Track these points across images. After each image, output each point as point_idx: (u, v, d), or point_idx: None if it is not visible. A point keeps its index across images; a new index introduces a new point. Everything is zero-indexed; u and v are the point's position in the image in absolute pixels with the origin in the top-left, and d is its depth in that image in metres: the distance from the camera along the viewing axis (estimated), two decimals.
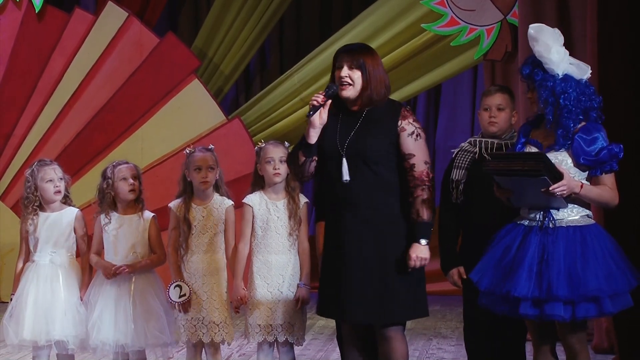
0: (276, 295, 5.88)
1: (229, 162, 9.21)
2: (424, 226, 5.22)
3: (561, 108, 5.26)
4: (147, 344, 6.03)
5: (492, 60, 9.33)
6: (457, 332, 8.47)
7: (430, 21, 9.75)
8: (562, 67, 5.33)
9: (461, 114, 11.42)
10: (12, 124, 10.55)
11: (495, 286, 5.27)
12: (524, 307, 5.19)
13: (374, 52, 5.41)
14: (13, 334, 6.03)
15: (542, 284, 5.16)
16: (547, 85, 5.30)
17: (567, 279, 5.14)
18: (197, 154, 6.05)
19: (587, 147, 5.24)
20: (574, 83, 5.31)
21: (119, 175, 6.08)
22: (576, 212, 5.30)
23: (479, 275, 5.35)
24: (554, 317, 5.18)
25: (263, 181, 5.97)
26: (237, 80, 11.54)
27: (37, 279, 6.06)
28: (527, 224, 5.33)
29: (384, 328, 5.29)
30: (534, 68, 5.38)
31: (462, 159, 5.95)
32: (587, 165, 5.26)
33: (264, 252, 5.92)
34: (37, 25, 10.52)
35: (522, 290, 5.17)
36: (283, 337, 5.88)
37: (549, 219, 5.26)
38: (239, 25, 10.98)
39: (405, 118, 5.28)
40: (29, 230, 6.12)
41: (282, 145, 5.96)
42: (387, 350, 5.30)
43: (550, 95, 5.29)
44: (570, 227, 5.26)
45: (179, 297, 5.92)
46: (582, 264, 5.16)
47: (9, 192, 10.53)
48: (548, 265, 5.18)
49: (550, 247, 5.22)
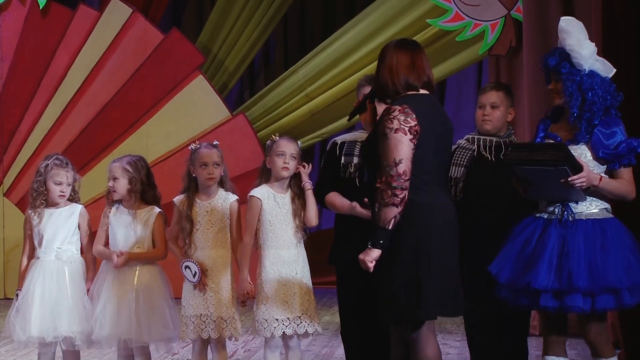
0: (291, 288, 5.88)
1: (233, 157, 9.23)
2: (373, 229, 4.98)
3: (588, 103, 5.29)
4: (150, 339, 6.03)
5: (496, 55, 9.33)
6: (462, 327, 8.46)
7: (435, 16, 9.75)
8: (590, 62, 5.35)
9: (466, 109, 11.41)
10: (17, 120, 10.56)
11: (516, 278, 5.30)
12: (545, 299, 5.23)
13: (391, 48, 5.17)
14: (20, 331, 6.03)
15: (562, 275, 5.20)
16: (574, 79, 5.33)
17: (587, 270, 5.19)
18: (202, 150, 6.05)
19: (606, 141, 5.29)
20: (599, 80, 5.35)
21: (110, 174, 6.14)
22: (595, 205, 5.35)
23: (498, 267, 5.38)
24: (574, 308, 5.21)
25: (270, 174, 5.98)
26: (241, 76, 11.55)
27: (43, 276, 6.07)
28: (546, 217, 5.37)
29: (404, 330, 5.11)
30: (561, 60, 5.39)
31: (461, 156, 5.94)
32: (606, 159, 5.31)
33: (275, 247, 5.92)
34: (41, 22, 10.53)
35: (543, 282, 5.21)
36: (303, 329, 5.90)
37: (568, 212, 5.30)
38: (243, 21, 10.98)
39: (381, 117, 5.03)
40: (34, 223, 6.13)
41: (295, 142, 5.96)
42: (414, 351, 5.12)
43: (576, 90, 5.31)
44: (589, 220, 5.31)
45: (193, 276, 5.92)
46: (602, 256, 5.21)
47: (13, 188, 10.55)
48: (568, 257, 5.22)
49: (570, 239, 5.26)
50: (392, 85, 5.12)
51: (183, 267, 5.95)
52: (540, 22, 8.43)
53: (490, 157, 5.92)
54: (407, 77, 5.10)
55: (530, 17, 8.53)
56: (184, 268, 5.95)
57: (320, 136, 10.87)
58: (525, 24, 8.62)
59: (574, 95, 5.32)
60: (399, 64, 5.10)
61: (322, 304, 9.53)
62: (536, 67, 8.41)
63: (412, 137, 4.96)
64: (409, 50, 5.15)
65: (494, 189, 5.85)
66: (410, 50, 5.15)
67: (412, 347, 5.10)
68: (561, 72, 5.37)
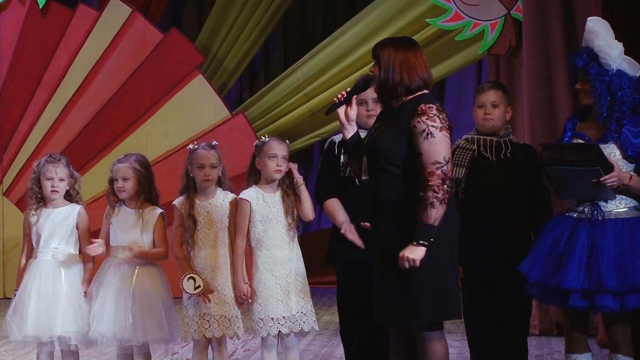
0: (285, 287, 5.89)
1: (233, 157, 9.20)
2: (421, 227, 4.91)
3: (617, 103, 5.33)
4: (145, 339, 6.02)
5: (496, 55, 9.32)
6: (462, 327, 8.46)
7: (435, 16, 9.74)
8: (618, 62, 5.39)
9: (465, 109, 11.35)
10: (16, 120, 10.56)
11: (545, 278, 5.35)
12: (574, 299, 5.28)
13: (397, 43, 5.13)
14: (17, 330, 6.04)
15: (591, 276, 5.25)
16: (603, 79, 5.37)
17: (616, 271, 5.24)
18: (200, 152, 6.04)
19: (634, 140, 5.36)
20: (627, 79, 5.38)
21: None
22: (624, 204, 5.41)
23: (528, 266, 5.42)
24: (604, 308, 5.27)
25: (259, 175, 5.97)
26: (241, 75, 11.54)
27: (39, 275, 6.06)
28: (575, 217, 5.41)
29: (419, 329, 5.08)
30: (590, 61, 5.41)
31: (461, 156, 5.94)
32: (635, 157, 5.37)
33: (268, 247, 5.92)
34: (41, 21, 10.52)
35: (572, 282, 5.26)
36: (299, 327, 5.90)
37: (597, 212, 5.34)
38: (243, 21, 10.98)
39: (419, 116, 4.96)
40: (32, 222, 6.13)
41: (285, 142, 5.97)
42: (422, 352, 5.09)
43: (605, 90, 5.35)
44: (618, 220, 5.37)
45: (194, 289, 5.91)
46: (631, 255, 5.28)
47: (13, 188, 10.54)
48: (597, 257, 5.28)
49: (599, 239, 5.32)
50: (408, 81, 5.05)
51: (186, 277, 5.93)
52: (540, 22, 8.43)
53: (491, 156, 5.92)
54: (423, 74, 5.08)
55: (530, 16, 8.53)
56: (186, 279, 5.93)
57: (320, 135, 10.87)
58: (525, 24, 8.61)
59: (602, 95, 5.36)
60: (417, 62, 5.08)
61: (322, 304, 9.53)
62: (536, 66, 8.44)
63: (449, 136, 5.01)
64: (417, 49, 5.13)
65: (495, 189, 5.85)
66: (419, 49, 5.13)
67: (423, 345, 5.07)
68: (590, 73, 5.40)
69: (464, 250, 5.52)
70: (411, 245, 4.90)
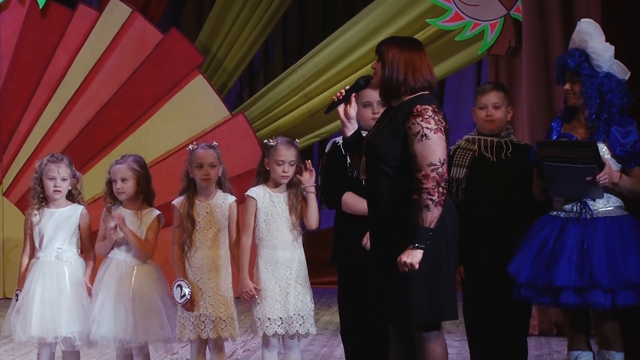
0: (284, 288, 5.89)
1: (232, 157, 9.23)
2: (417, 230, 4.87)
3: (607, 105, 5.37)
4: (147, 339, 6.03)
5: (496, 55, 9.32)
6: (461, 327, 8.45)
7: (434, 16, 9.74)
8: (608, 64, 5.41)
9: (465, 109, 11.37)
10: (16, 120, 10.55)
11: (536, 277, 5.36)
12: (565, 296, 5.31)
13: (403, 43, 5.13)
14: (21, 331, 6.03)
15: (583, 273, 5.28)
16: (593, 81, 5.38)
17: (608, 267, 5.28)
18: (199, 151, 6.05)
19: (622, 139, 5.38)
20: (615, 81, 5.40)
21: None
22: (612, 202, 5.45)
23: (517, 267, 5.44)
24: (595, 304, 5.30)
25: (268, 175, 5.98)
26: (240, 75, 11.54)
27: (43, 276, 6.06)
28: (563, 216, 5.43)
29: (416, 330, 5.07)
30: (582, 62, 5.42)
31: (462, 157, 5.94)
32: (623, 157, 5.42)
33: (270, 247, 5.93)
34: (40, 22, 10.52)
35: (564, 279, 5.29)
36: (294, 330, 5.90)
37: (586, 210, 5.35)
38: (243, 21, 10.98)
39: (414, 117, 4.91)
40: (34, 222, 6.12)
41: (293, 146, 5.95)
42: (420, 352, 5.07)
43: (595, 91, 5.37)
44: (607, 218, 5.41)
45: (180, 297, 5.93)
46: (622, 252, 5.32)
47: (12, 188, 10.54)
48: (589, 254, 5.30)
49: (590, 237, 5.34)
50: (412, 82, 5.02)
51: (175, 285, 5.95)
52: (539, 22, 8.43)
53: (491, 157, 5.92)
54: (427, 76, 5.06)
55: (529, 17, 8.53)
56: (175, 286, 5.95)
57: (319, 136, 10.87)
58: (525, 24, 8.62)
59: (593, 97, 5.39)
60: (422, 63, 5.06)
61: (322, 304, 9.53)
62: (536, 67, 8.44)
63: (445, 138, 4.95)
64: (422, 50, 5.11)
65: (495, 189, 5.85)
66: (424, 50, 5.12)
67: (421, 346, 5.05)
68: (581, 74, 5.43)
69: (464, 250, 5.53)
70: (408, 249, 4.88)
